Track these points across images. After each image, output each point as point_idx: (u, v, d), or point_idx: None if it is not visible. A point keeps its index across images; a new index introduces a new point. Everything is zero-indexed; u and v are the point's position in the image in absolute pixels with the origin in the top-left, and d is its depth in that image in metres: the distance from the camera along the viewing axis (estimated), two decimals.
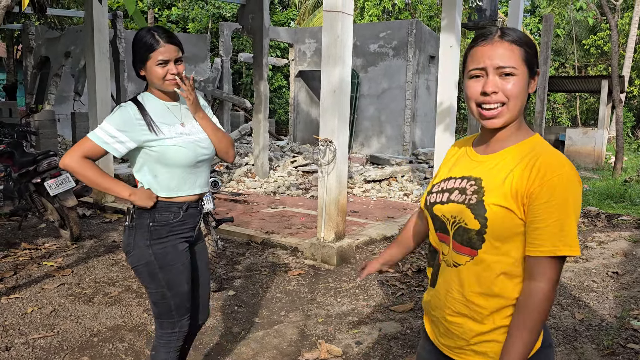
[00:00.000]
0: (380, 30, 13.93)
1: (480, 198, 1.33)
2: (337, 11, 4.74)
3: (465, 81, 1.38)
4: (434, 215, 1.45)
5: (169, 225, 2.16)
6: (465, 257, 1.36)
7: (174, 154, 2.11)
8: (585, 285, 4.74)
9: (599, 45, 22.71)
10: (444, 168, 1.55)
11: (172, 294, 2.19)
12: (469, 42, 1.40)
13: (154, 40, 2.06)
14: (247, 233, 5.80)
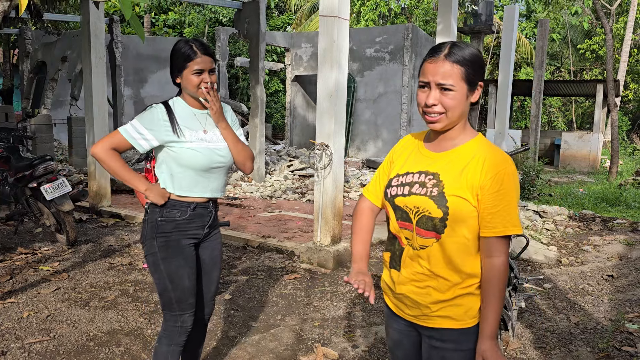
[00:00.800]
0: (376, 35, 13.98)
1: (440, 190, 1.58)
2: (333, 16, 4.76)
3: (417, 91, 1.63)
4: (396, 206, 1.66)
5: (175, 222, 2.31)
6: (431, 239, 1.60)
7: (189, 157, 2.28)
8: (580, 288, 4.76)
9: (594, 49, 22.83)
10: (398, 161, 1.74)
11: (173, 287, 2.32)
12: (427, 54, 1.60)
13: (192, 51, 2.25)
14: (243, 237, 5.80)
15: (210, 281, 2.52)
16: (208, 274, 2.50)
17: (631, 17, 19.31)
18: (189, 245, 2.34)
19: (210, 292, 2.54)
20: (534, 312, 4.14)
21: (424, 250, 1.61)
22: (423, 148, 1.71)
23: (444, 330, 1.64)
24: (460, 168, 1.58)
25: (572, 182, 12.83)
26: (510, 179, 1.55)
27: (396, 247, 1.70)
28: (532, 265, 5.46)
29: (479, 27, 15.94)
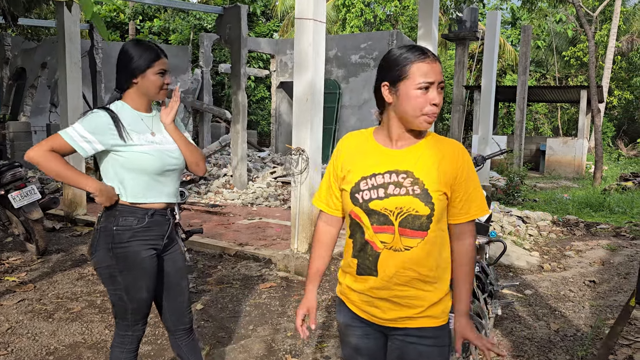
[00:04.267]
0: (361, 41, 13.94)
1: (423, 187, 1.58)
2: (308, 19, 4.67)
3: (408, 90, 1.56)
4: (371, 210, 1.61)
5: (132, 230, 2.18)
6: (417, 239, 1.59)
7: (140, 160, 2.17)
8: (562, 294, 4.68)
9: (578, 56, 23.02)
10: (352, 163, 1.68)
11: (129, 298, 2.22)
12: (403, 56, 1.57)
13: (156, 51, 2.18)
14: (220, 245, 5.66)
15: (181, 292, 2.41)
16: (177, 286, 2.39)
17: (614, 25, 19.49)
18: (150, 256, 2.22)
19: (185, 302, 2.43)
20: (514, 319, 4.05)
21: (409, 251, 1.60)
22: (381, 146, 1.67)
23: (423, 329, 1.65)
24: (435, 163, 1.60)
25: (557, 187, 12.83)
26: (471, 164, 1.67)
27: (368, 253, 1.64)
28: (513, 271, 5.38)
29: (463, 34, 16.05)
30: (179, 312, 2.41)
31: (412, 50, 1.58)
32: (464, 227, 1.68)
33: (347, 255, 1.73)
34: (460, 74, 16.45)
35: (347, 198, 1.66)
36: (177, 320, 2.41)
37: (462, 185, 1.63)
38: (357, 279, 1.68)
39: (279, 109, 15.93)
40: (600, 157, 12.36)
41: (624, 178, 11.94)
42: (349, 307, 1.75)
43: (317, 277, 1.84)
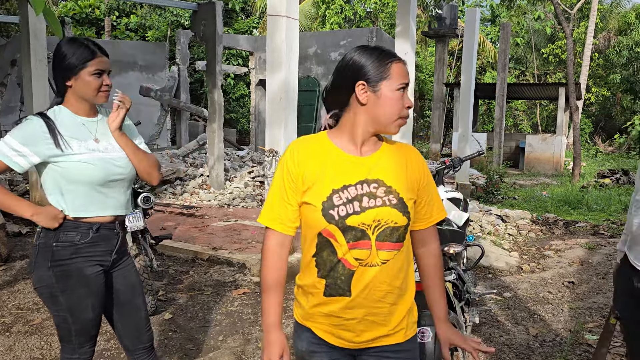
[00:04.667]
0: (340, 38, 13.82)
1: (398, 197, 1.50)
2: (281, 15, 4.52)
3: (389, 91, 1.47)
4: (348, 227, 1.46)
5: (75, 247, 2.01)
6: (393, 252, 1.50)
7: (79, 171, 1.99)
8: (541, 297, 4.60)
9: (557, 53, 23.21)
10: (313, 174, 1.50)
11: (74, 320, 2.05)
12: (383, 54, 1.48)
13: (90, 50, 2.00)
14: (192, 249, 5.48)
15: (135, 309, 2.24)
16: (129, 303, 2.22)
17: (592, 22, 19.66)
18: (96, 273, 2.05)
19: (141, 320, 2.26)
20: (493, 324, 3.95)
21: (385, 264, 1.50)
22: (345, 154, 1.52)
23: (399, 344, 1.58)
24: (402, 169, 1.54)
25: (536, 184, 12.86)
26: (427, 167, 1.62)
27: (339, 272, 1.50)
28: (492, 272, 5.30)
29: (443, 31, 16.01)
30: (136, 331, 2.25)
31: (385, 50, 1.50)
32: (429, 231, 1.63)
33: (309, 276, 1.56)
34: (440, 71, 16.42)
35: (317, 215, 1.47)
36: (135, 339, 2.24)
37: (425, 189, 1.59)
38: (326, 301, 1.53)
39: (259, 107, 15.72)
40: (579, 154, 12.42)
41: (601, 175, 12.02)
42: (313, 331, 1.58)
43: (279, 312, 1.58)
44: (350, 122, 1.51)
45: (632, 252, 1.86)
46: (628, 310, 1.94)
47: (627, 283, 1.90)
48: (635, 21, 23.40)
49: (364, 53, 1.49)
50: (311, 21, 19.44)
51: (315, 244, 1.51)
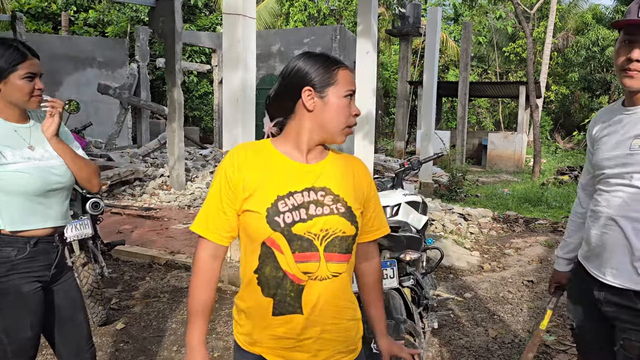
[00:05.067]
0: (304, 36, 13.73)
1: (346, 206, 1.44)
2: (237, 14, 4.39)
3: (336, 98, 1.42)
4: (294, 235, 1.38)
5: (10, 263, 1.87)
6: (343, 264, 1.43)
7: (14, 180, 1.87)
8: (501, 296, 4.63)
9: (518, 52, 23.67)
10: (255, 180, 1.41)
11: (10, 340, 1.91)
12: (330, 60, 1.44)
13: (20, 52, 1.88)
14: (149, 254, 5.31)
15: (77, 326, 2.12)
16: (70, 320, 2.10)
17: (551, 22, 20.11)
18: (34, 290, 1.92)
19: (83, 337, 2.14)
20: (453, 326, 3.94)
21: (337, 277, 1.42)
22: (291, 160, 1.45)
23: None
24: (349, 179, 1.50)
25: (498, 181, 13.07)
26: (372, 179, 1.59)
27: (287, 289, 1.39)
28: (454, 272, 5.31)
29: (407, 30, 16.09)
30: (77, 349, 2.12)
31: (331, 57, 1.46)
32: (372, 245, 1.62)
33: (252, 295, 1.43)
34: (404, 69, 16.51)
35: (261, 222, 1.38)
36: (75, 358, 2.12)
37: (372, 201, 1.56)
38: (275, 321, 1.42)
39: (222, 105, 15.47)
40: (539, 151, 12.67)
41: (560, 172, 12.29)
42: (261, 355, 1.46)
43: (205, 331, 1.49)
44: (295, 130, 1.45)
45: (591, 263, 1.81)
46: (585, 320, 1.90)
47: (585, 292, 1.86)
48: (592, 21, 24.10)
49: (309, 59, 1.44)
50: (275, 18, 19.27)
51: (258, 256, 1.41)
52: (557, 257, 2.14)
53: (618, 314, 1.72)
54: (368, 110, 6.91)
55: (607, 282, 1.73)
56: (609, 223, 1.71)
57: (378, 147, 20.64)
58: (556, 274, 2.14)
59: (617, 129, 1.75)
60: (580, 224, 2.03)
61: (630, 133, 1.68)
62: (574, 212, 2.08)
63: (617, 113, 1.80)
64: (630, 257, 1.67)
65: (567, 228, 2.10)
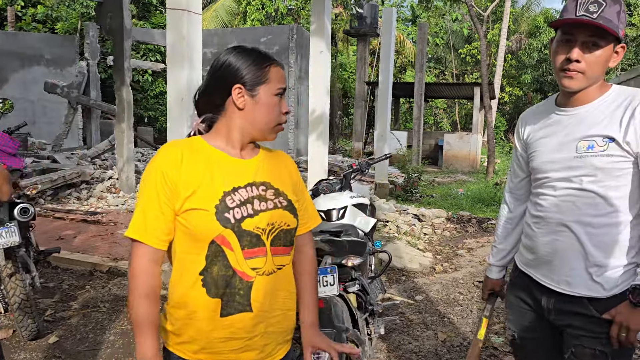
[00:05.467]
0: (261, 35, 13.55)
1: (288, 199, 1.46)
2: (182, 9, 4.21)
3: (267, 96, 1.41)
4: (244, 231, 1.35)
5: None
6: (287, 256, 1.46)
7: None
8: (452, 298, 4.61)
9: (473, 54, 24.13)
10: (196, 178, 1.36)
11: None
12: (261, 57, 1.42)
13: None
14: (91, 261, 5.06)
15: None
16: None
17: (504, 25, 20.56)
18: None
19: None
20: (403, 330, 3.89)
21: (282, 270, 1.44)
22: (229, 156, 1.42)
23: (287, 354, 1.51)
24: (284, 173, 1.53)
25: (454, 181, 13.24)
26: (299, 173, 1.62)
27: (237, 287, 1.35)
28: (406, 274, 5.28)
29: (364, 30, 16.13)
30: None
31: (262, 52, 1.43)
32: (306, 237, 1.62)
33: (195, 299, 1.35)
34: (362, 69, 16.54)
35: (209, 220, 1.32)
36: None
37: (302, 194, 1.58)
38: (223, 322, 1.36)
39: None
40: (493, 151, 12.89)
41: None
42: None
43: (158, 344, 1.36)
44: (226, 127, 1.43)
45: (539, 270, 1.73)
46: (528, 330, 1.84)
47: (527, 302, 1.80)
48: (544, 25, 24.80)
49: (240, 55, 1.40)
50: (233, 17, 18.99)
51: (205, 256, 1.34)
52: (489, 264, 2.07)
53: (570, 322, 1.67)
54: (322, 110, 6.82)
55: (560, 290, 1.67)
56: (561, 229, 1.65)
57: (337, 148, 20.64)
58: (489, 282, 2.07)
59: (556, 130, 1.69)
60: (510, 230, 1.97)
61: (575, 135, 1.63)
62: (503, 217, 1.99)
63: (550, 114, 1.75)
64: (585, 263, 1.62)
65: (497, 234, 2.02)
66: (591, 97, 1.63)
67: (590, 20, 1.52)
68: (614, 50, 1.59)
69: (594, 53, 1.56)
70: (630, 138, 1.54)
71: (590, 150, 1.58)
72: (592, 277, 1.61)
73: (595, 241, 1.60)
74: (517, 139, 1.88)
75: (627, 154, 1.55)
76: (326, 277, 2.28)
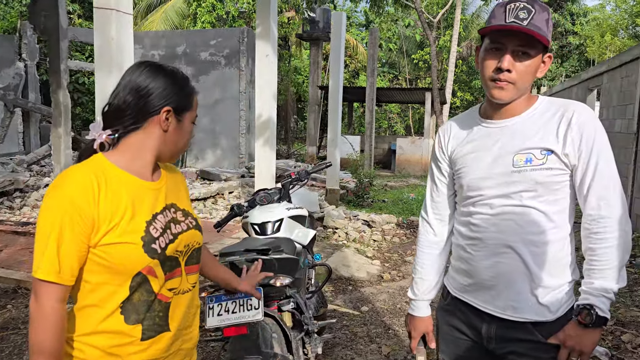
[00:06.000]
0: (210, 38, 13.24)
1: (193, 217, 1.49)
2: (109, 8, 3.95)
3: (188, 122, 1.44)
4: (167, 257, 1.36)
5: None
6: (196, 274, 1.51)
7: None
8: (398, 308, 4.52)
9: (426, 59, 24.50)
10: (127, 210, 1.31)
11: None
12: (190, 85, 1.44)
13: None
14: (15, 277, 4.68)
15: None
16: None
17: (455, 31, 20.91)
18: None
19: None
20: (347, 344, 3.75)
21: (194, 287, 1.49)
22: (141, 180, 1.38)
23: None
24: (183, 191, 1.54)
25: (406, 186, 13.28)
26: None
27: (156, 309, 1.37)
28: (353, 284, 5.16)
29: (317, 34, 16.05)
30: None
31: (187, 77, 1.44)
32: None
33: (113, 328, 1.31)
34: (315, 74, 16.45)
35: (137, 253, 1.29)
36: None
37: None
38: (145, 346, 1.35)
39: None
40: None
41: None
42: None
43: None
44: (139, 146, 1.37)
45: (479, 297, 1.59)
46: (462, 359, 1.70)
47: (463, 330, 1.66)
48: None
49: (173, 78, 1.40)
50: (183, 19, 18.56)
51: (129, 287, 1.31)
52: (413, 300, 1.80)
53: (513, 349, 1.55)
54: (269, 115, 6.65)
55: (506, 317, 1.54)
56: (504, 250, 1.53)
57: (292, 152, 20.49)
58: (417, 322, 1.79)
59: (486, 144, 1.58)
60: (436, 256, 1.78)
61: (509, 148, 1.52)
62: (426, 242, 1.79)
63: (474, 125, 1.64)
64: (531, 286, 1.51)
65: (420, 262, 1.80)
66: (520, 109, 1.55)
67: (521, 27, 1.43)
68: (542, 60, 1.52)
69: (524, 62, 1.47)
70: (568, 150, 1.46)
71: (528, 164, 1.48)
72: (538, 300, 1.51)
73: (539, 261, 1.50)
74: (440, 153, 1.74)
75: (565, 167, 1.48)
76: (250, 300, 2.10)
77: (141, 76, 1.36)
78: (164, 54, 13.58)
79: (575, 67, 25.26)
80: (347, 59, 25.28)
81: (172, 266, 1.38)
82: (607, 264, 1.44)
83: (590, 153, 1.45)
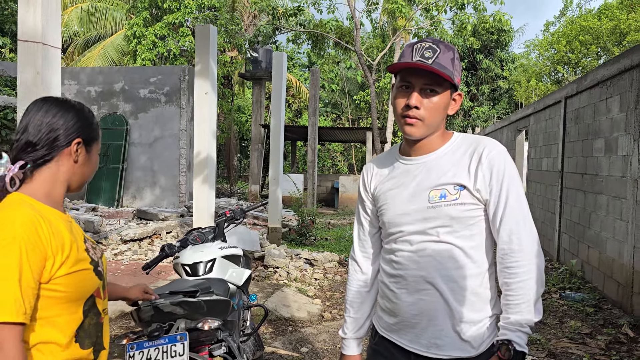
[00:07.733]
0: (150, 75, 13.06)
1: (96, 244, 1.54)
2: (36, 42, 3.81)
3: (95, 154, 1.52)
4: (103, 278, 1.47)
5: None
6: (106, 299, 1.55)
7: None
8: (337, 348, 4.43)
9: (367, 100, 25.16)
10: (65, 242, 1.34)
11: None
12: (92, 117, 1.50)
13: None
14: None
15: None
16: None
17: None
18: None
19: None
20: None
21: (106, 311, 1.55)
22: (58, 213, 1.41)
23: None
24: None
25: (349, 223, 13.35)
26: None
27: (100, 331, 1.47)
28: (293, 324, 5.03)
29: (259, 74, 16.19)
30: None
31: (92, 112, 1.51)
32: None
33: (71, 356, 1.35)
34: (257, 112, 16.50)
35: (90, 277, 1.39)
36: None
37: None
38: None
39: None
40: None
41: None
42: None
43: None
44: (52, 179, 1.40)
45: (403, 336, 1.57)
46: None
47: None
48: None
49: (79, 111, 1.46)
50: (122, 56, 18.27)
51: (82, 312, 1.38)
52: (344, 339, 1.81)
53: None
54: (207, 153, 6.55)
55: (431, 355, 1.52)
56: (425, 287, 1.52)
57: (234, 190, 20.25)
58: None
59: (404, 181, 1.60)
60: (365, 294, 1.78)
61: (425, 184, 1.54)
62: (355, 280, 1.80)
63: (394, 163, 1.67)
64: (452, 322, 1.50)
65: (350, 301, 1.81)
66: (435, 146, 1.59)
67: (425, 65, 1.48)
68: (452, 98, 1.57)
69: (431, 99, 1.52)
70: (480, 185, 1.50)
71: (443, 200, 1.50)
72: (461, 335, 1.50)
73: (459, 296, 1.50)
74: (364, 191, 1.76)
75: (478, 202, 1.51)
76: (174, 346, 1.98)
77: (50, 110, 1.40)
78: (101, 90, 13.26)
79: (505, 109, 26.65)
80: (290, 98, 25.61)
81: (104, 287, 1.50)
82: (522, 298, 1.45)
83: (500, 188, 1.49)
